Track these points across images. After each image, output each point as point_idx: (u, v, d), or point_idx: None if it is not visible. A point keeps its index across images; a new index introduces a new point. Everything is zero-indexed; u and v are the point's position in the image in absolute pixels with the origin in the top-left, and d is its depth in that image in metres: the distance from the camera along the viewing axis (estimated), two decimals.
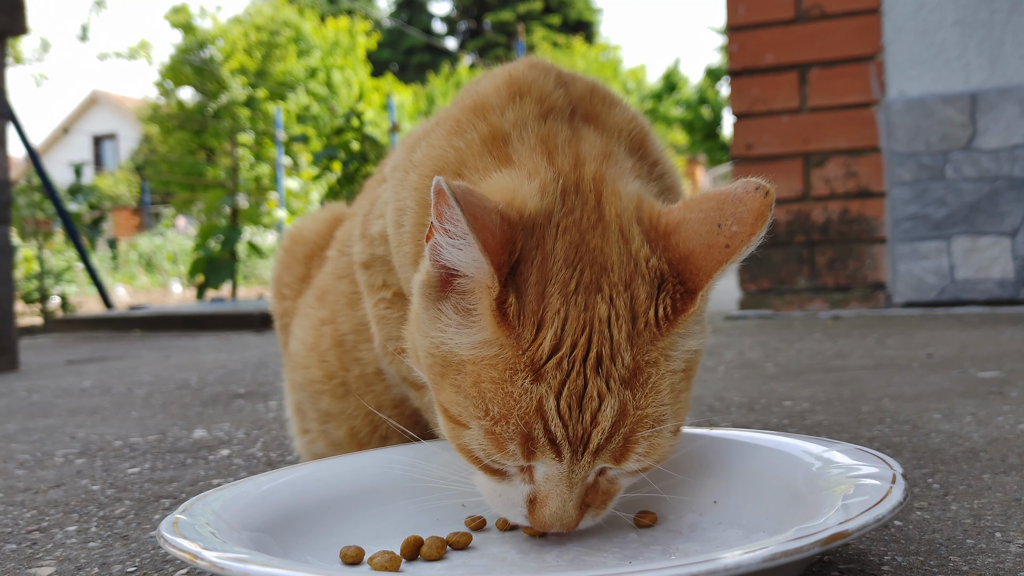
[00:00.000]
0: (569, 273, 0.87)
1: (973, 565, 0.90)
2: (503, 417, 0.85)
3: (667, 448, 0.89)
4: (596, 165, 0.98)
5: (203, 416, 2.20)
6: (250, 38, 21.83)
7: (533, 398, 0.84)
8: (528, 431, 0.85)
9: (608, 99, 1.13)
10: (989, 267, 3.90)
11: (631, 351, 0.86)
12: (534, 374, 0.84)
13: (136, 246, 15.32)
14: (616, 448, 0.86)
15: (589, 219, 0.91)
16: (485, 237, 0.83)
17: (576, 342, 0.85)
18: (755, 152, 4.26)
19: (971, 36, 3.94)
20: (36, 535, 1.21)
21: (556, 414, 0.84)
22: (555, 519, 0.88)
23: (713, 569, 0.66)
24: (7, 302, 3.54)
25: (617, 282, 0.88)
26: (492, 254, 0.84)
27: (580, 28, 34.89)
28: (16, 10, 3.59)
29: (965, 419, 1.65)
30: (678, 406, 0.90)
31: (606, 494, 0.92)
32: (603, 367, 0.85)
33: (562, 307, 0.86)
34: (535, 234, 0.89)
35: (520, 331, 0.85)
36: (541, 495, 0.88)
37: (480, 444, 0.87)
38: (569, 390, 0.84)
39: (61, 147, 27.48)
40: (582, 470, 0.87)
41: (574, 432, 0.85)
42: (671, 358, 0.88)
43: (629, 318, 0.87)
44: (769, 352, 2.86)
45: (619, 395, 0.85)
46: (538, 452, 0.86)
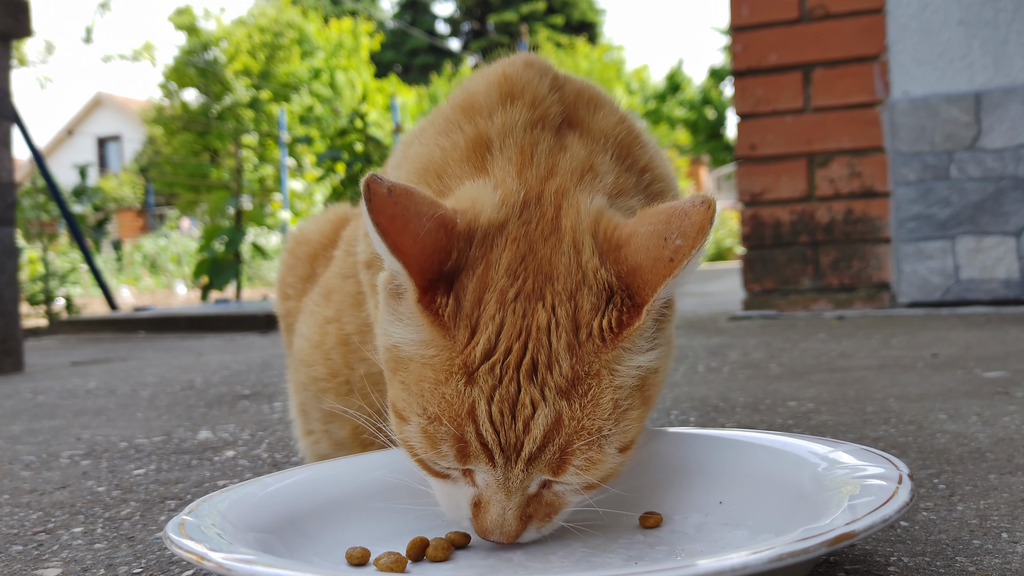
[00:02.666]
0: (509, 281, 0.87)
1: (979, 566, 0.90)
2: (437, 418, 0.85)
3: (611, 466, 0.88)
4: (564, 179, 0.98)
5: (208, 417, 2.20)
6: (254, 39, 21.85)
7: (465, 401, 0.85)
8: (460, 434, 0.85)
9: (596, 102, 1.12)
10: (994, 267, 3.89)
11: (570, 360, 0.85)
12: (467, 377, 0.85)
13: (140, 247, 15.34)
14: (552, 459, 0.85)
15: (543, 231, 0.92)
16: (400, 240, 0.85)
17: (511, 348, 0.85)
18: (759, 152, 4.25)
19: (975, 36, 3.94)
20: (42, 536, 1.21)
21: (487, 419, 0.84)
22: (495, 526, 0.88)
23: (719, 569, 0.66)
24: (12, 304, 3.54)
25: (561, 291, 0.87)
26: (406, 256, 0.85)
27: (583, 29, 34.88)
28: (20, 12, 3.60)
29: (971, 419, 1.65)
30: (626, 424, 0.88)
31: (550, 507, 0.91)
32: (538, 374, 0.85)
33: (498, 313, 0.86)
34: (484, 244, 0.89)
35: (455, 333, 0.86)
36: (483, 500, 0.89)
37: (418, 442, 0.88)
38: (501, 395, 0.84)
39: (65, 149, 27.54)
40: (517, 478, 0.86)
41: (506, 439, 0.85)
42: (617, 372, 0.87)
43: (571, 327, 0.86)
44: (773, 352, 2.86)
45: (554, 404, 0.84)
46: (471, 456, 0.86)
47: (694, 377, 2.42)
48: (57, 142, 28.65)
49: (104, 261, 11.54)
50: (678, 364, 2.68)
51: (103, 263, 11.07)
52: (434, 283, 0.87)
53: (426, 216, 0.86)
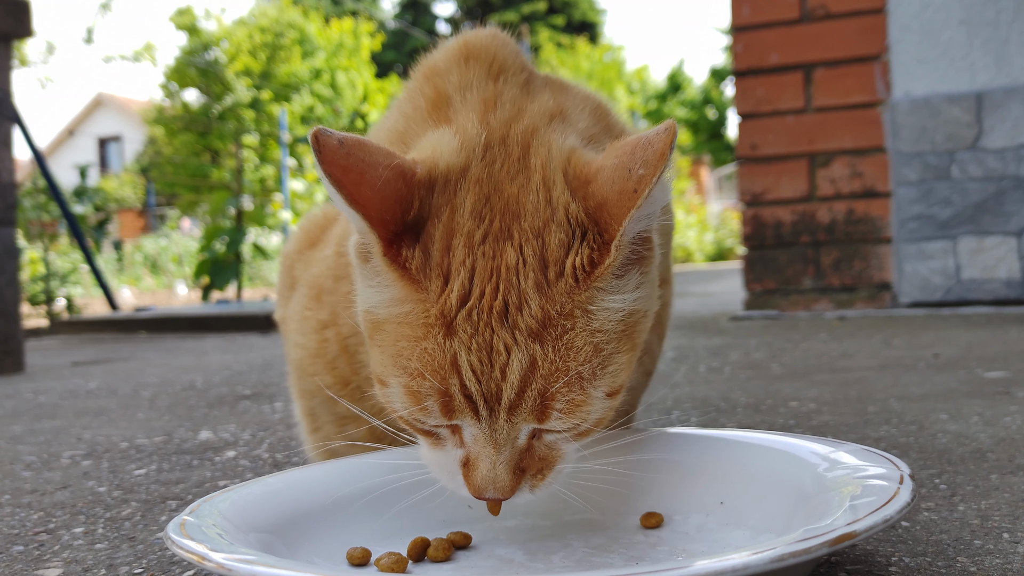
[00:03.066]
0: (475, 223, 0.85)
1: (981, 566, 0.90)
2: (420, 373, 0.83)
3: (597, 409, 0.85)
4: (533, 120, 0.96)
5: (209, 417, 2.20)
6: (254, 40, 21.84)
7: (447, 353, 0.82)
8: (444, 387, 0.82)
9: (564, 85, 1.13)
10: (995, 267, 3.89)
11: (539, 300, 0.83)
12: (446, 328, 0.82)
13: (141, 248, 15.34)
14: (533, 405, 0.83)
15: (509, 170, 0.90)
16: (357, 191, 0.82)
17: (484, 292, 0.83)
18: (760, 152, 4.25)
19: (977, 35, 3.94)
20: (43, 536, 1.21)
21: (469, 369, 0.82)
22: (487, 482, 0.85)
23: (721, 569, 0.66)
24: (13, 304, 3.55)
25: (528, 229, 0.85)
26: (365, 208, 0.83)
27: (584, 29, 34.88)
28: (21, 13, 3.60)
29: (972, 419, 1.65)
30: (611, 368, 0.85)
31: (544, 461, 0.88)
32: (509, 317, 0.82)
33: (467, 257, 0.84)
34: (446, 190, 0.87)
35: (427, 285, 0.84)
36: (472, 457, 0.86)
37: (402, 402, 0.86)
38: (478, 343, 0.82)
39: (66, 149, 27.54)
40: (503, 429, 0.84)
41: (487, 387, 0.82)
42: (593, 315, 0.84)
43: (538, 266, 0.84)
44: (775, 352, 2.85)
45: (527, 348, 0.82)
46: (456, 410, 0.83)
47: (695, 377, 2.42)
48: (58, 142, 28.66)
49: (105, 261, 11.54)
50: (679, 364, 2.68)
51: (104, 263, 11.08)
52: (399, 235, 0.85)
53: (382, 166, 0.84)
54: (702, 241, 17.62)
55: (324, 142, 0.82)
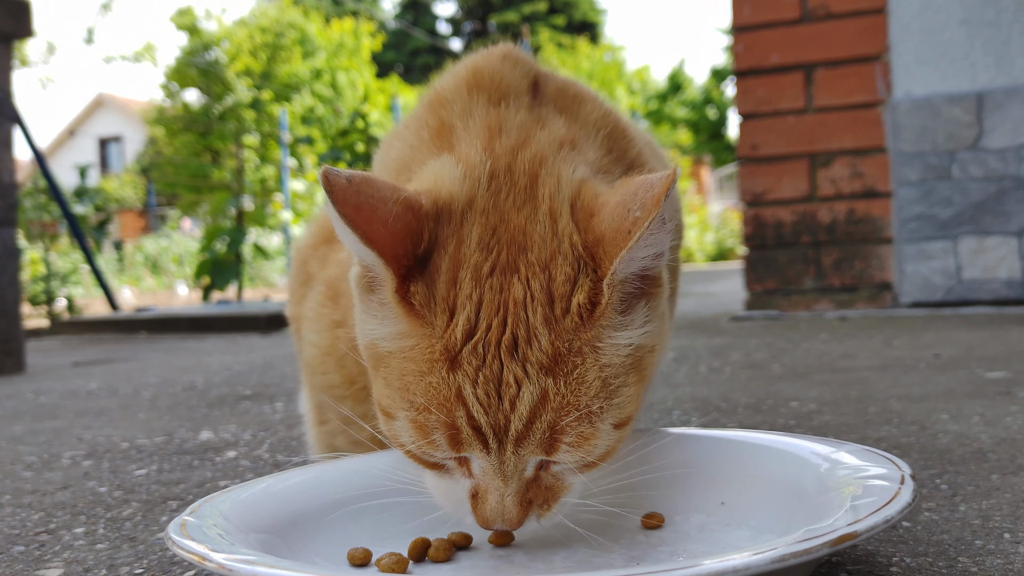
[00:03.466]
0: (483, 256, 0.85)
1: (982, 566, 0.90)
2: (426, 408, 0.83)
3: (605, 443, 0.85)
4: (541, 149, 0.95)
5: (210, 418, 2.20)
6: (255, 40, 21.85)
7: (452, 386, 0.82)
8: (451, 420, 0.82)
9: (580, 97, 1.10)
10: (996, 267, 3.89)
11: (548, 336, 0.82)
12: (450, 362, 0.82)
13: (142, 248, 15.35)
14: (542, 438, 0.83)
15: (516, 200, 0.89)
16: (370, 229, 0.82)
17: (491, 325, 0.82)
18: (761, 152, 4.25)
19: (977, 36, 3.93)
20: (44, 537, 1.21)
21: (476, 401, 0.81)
22: (495, 514, 0.85)
23: (722, 570, 0.66)
24: (13, 304, 3.55)
25: (535, 262, 0.84)
26: (379, 245, 0.82)
27: (585, 29, 34.88)
28: (22, 13, 3.61)
29: (973, 420, 1.65)
30: (619, 401, 0.85)
31: (550, 491, 0.88)
32: (519, 351, 0.82)
33: (474, 291, 0.83)
34: (452, 221, 0.87)
35: (432, 320, 0.83)
36: (480, 489, 0.86)
37: (409, 436, 0.85)
38: (485, 376, 0.82)
39: (67, 149, 27.55)
40: (510, 461, 0.84)
41: (495, 420, 0.82)
42: (601, 351, 0.84)
43: (546, 300, 0.83)
44: (775, 353, 2.85)
45: (538, 381, 0.82)
46: (464, 442, 0.83)
47: (696, 377, 2.42)
48: (59, 143, 28.67)
49: (105, 262, 11.55)
50: (679, 364, 2.68)
51: (104, 264, 11.08)
52: (410, 270, 0.84)
53: (391, 201, 0.84)
54: (703, 241, 17.62)
55: (334, 182, 0.82)
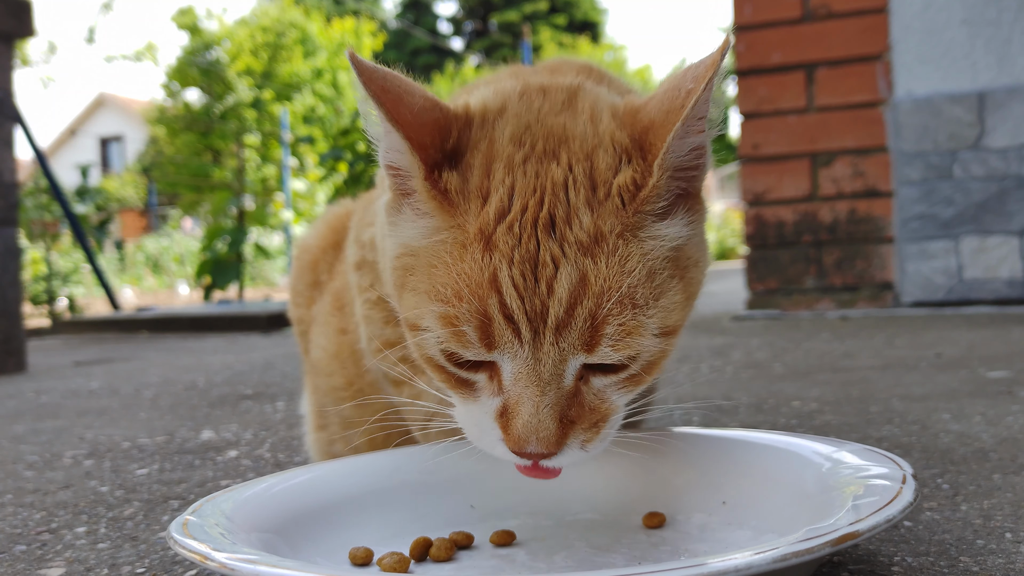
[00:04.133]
0: (515, 148, 0.84)
1: (983, 566, 0.90)
2: (456, 296, 0.79)
3: (649, 345, 0.80)
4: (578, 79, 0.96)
5: (211, 417, 2.20)
6: (256, 39, 21.85)
7: (486, 270, 0.78)
8: (483, 308, 0.78)
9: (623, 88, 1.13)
10: (998, 266, 3.89)
11: (590, 215, 0.80)
12: (484, 243, 0.79)
13: (143, 248, 15.35)
14: (583, 329, 0.77)
15: (551, 108, 0.89)
16: (398, 111, 0.82)
17: (527, 205, 0.80)
18: (762, 152, 4.25)
19: (979, 35, 3.93)
20: (46, 536, 1.21)
21: (511, 284, 0.77)
22: (529, 430, 0.78)
23: (723, 569, 0.66)
24: (15, 304, 3.55)
25: (577, 151, 0.83)
26: (405, 127, 0.82)
27: (586, 28, 34.88)
28: (23, 13, 3.61)
29: (974, 419, 1.64)
30: (664, 303, 0.81)
31: (595, 412, 0.83)
32: (556, 230, 0.79)
33: (507, 176, 0.82)
34: (484, 125, 0.87)
35: (466, 207, 0.82)
36: (512, 402, 0.80)
37: (436, 336, 0.80)
38: (521, 256, 0.78)
39: (68, 149, 27.57)
40: (548, 358, 0.78)
41: (531, 306, 0.77)
42: (643, 240, 0.81)
43: (588, 185, 0.81)
44: (777, 352, 2.85)
45: (577, 261, 0.78)
46: (496, 335, 0.78)
47: (698, 377, 2.42)
48: (60, 142, 28.68)
49: (107, 261, 11.55)
50: (681, 364, 2.68)
51: (106, 263, 11.09)
52: (439, 162, 0.84)
53: (419, 95, 0.84)
54: None
55: (361, 62, 0.82)
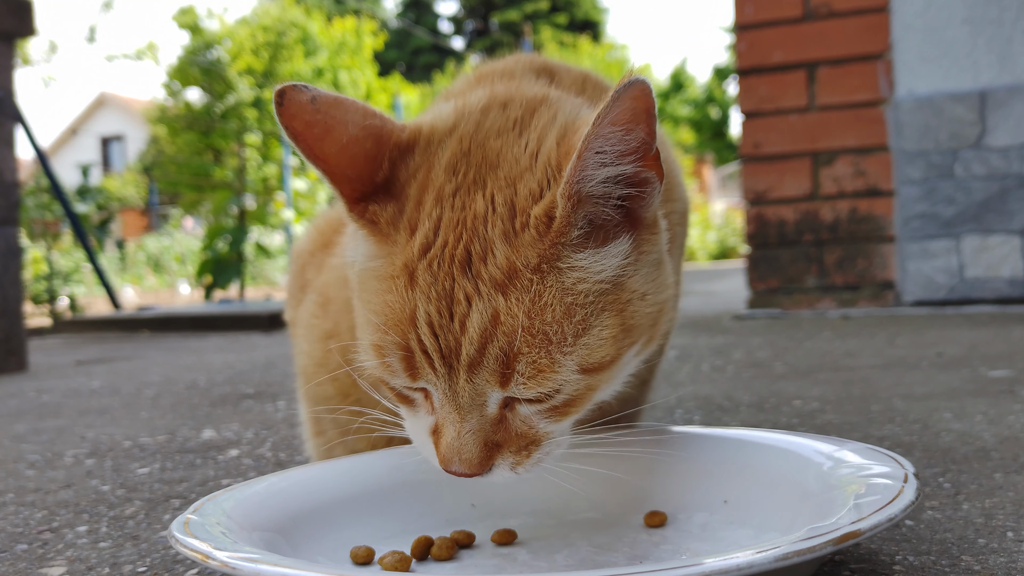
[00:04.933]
0: (448, 177, 0.84)
1: (985, 564, 0.90)
2: (384, 327, 0.81)
3: (567, 383, 0.79)
4: (544, 91, 0.94)
5: (212, 416, 2.20)
6: (257, 39, 21.84)
7: (408, 304, 0.80)
8: (404, 342, 0.80)
9: (601, 87, 1.10)
10: (999, 265, 3.89)
11: (505, 250, 0.78)
12: (408, 278, 0.80)
13: (144, 247, 15.36)
14: (494, 365, 0.78)
15: (500, 127, 0.87)
16: (319, 146, 0.82)
17: (447, 240, 0.80)
18: (763, 151, 4.25)
19: (980, 34, 3.93)
20: (47, 535, 1.21)
21: (426, 321, 0.79)
22: (452, 452, 0.80)
23: (725, 568, 0.66)
24: (16, 303, 3.55)
25: (503, 177, 0.82)
26: (327, 164, 0.83)
27: (587, 27, 34.86)
28: (24, 12, 3.61)
29: (976, 418, 1.64)
30: (587, 340, 0.79)
31: (524, 438, 0.83)
32: (472, 266, 0.78)
33: (436, 208, 0.82)
34: (428, 151, 0.87)
35: (395, 237, 0.83)
36: (439, 424, 0.82)
37: (369, 358, 0.84)
38: (438, 292, 0.79)
39: (69, 148, 27.58)
40: (464, 391, 0.79)
41: (445, 343, 0.78)
42: (563, 272, 0.79)
43: (507, 215, 0.80)
44: (778, 351, 2.85)
45: (489, 299, 0.77)
46: (417, 368, 0.80)
47: (698, 376, 2.41)
48: (61, 142, 28.68)
49: (108, 260, 11.56)
50: (682, 363, 2.68)
51: (107, 262, 11.09)
52: (368, 194, 0.84)
53: (353, 124, 0.84)
54: (705, 240, 17.61)
55: (291, 97, 0.82)
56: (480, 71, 1.10)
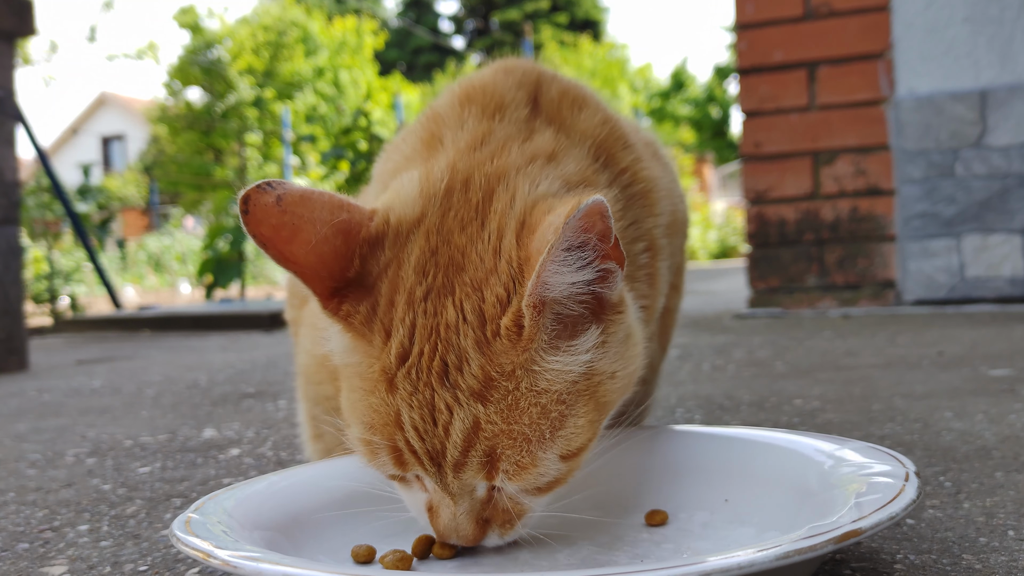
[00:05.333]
0: (418, 279, 0.84)
1: (986, 563, 0.90)
2: (371, 427, 0.84)
3: (550, 471, 0.83)
4: (506, 163, 0.92)
5: (213, 416, 2.20)
6: (257, 38, 21.86)
7: (391, 409, 0.82)
8: (392, 443, 0.83)
9: (580, 102, 1.08)
10: (1000, 265, 3.89)
11: (479, 360, 0.80)
12: (388, 384, 0.83)
13: (145, 246, 15.36)
14: (479, 464, 0.82)
15: (464, 218, 0.87)
16: (288, 249, 0.82)
17: (423, 351, 0.81)
18: (764, 150, 4.25)
19: (981, 33, 3.93)
20: (48, 534, 1.21)
21: (412, 427, 0.82)
22: (449, 531, 0.87)
23: (727, 566, 0.66)
24: (17, 302, 3.55)
25: (469, 282, 0.82)
26: (298, 265, 0.83)
27: (587, 27, 34.86)
28: (24, 11, 3.61)
29: (977, 417, 1.64)
30: (565, 432, 0.82)
31: (509, 512, 0.88)
32: (450, 377, 0.81)
33: (407, 314, 0.83)
34: (396, 243, 0.86)
35: (371, 338, 0.84)
36: (434, 505, 0.87)
37: (361, 453, 0.87)
38: (419, 401, 0.81)
39: (70, 148, 27.60)
40: (454, 484, 0.83)
41: (432, 446, 0.82)
42: (537, 375, 0.81)
43: (477, 323, 0.81)
44: (779, 350, 2.85)
45: (469, 408, 0.80)
46: (407, 464, 0.84)
47: (699, 375, 2.41)
48: (62, 141, 28.70)
49: (108, 260, 11.56)
50: (683, 362, 2.68)
51: (107, 262, 11.09)
52: (339, 290, 0.85)
53: (321, 222, 0.83)
54: (706, 239, 17.61)
55: (256, 200, 0.81)
56: (466, 89, 1.06)
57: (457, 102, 1.05)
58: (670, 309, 1.30)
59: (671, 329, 1.36)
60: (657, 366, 1.33)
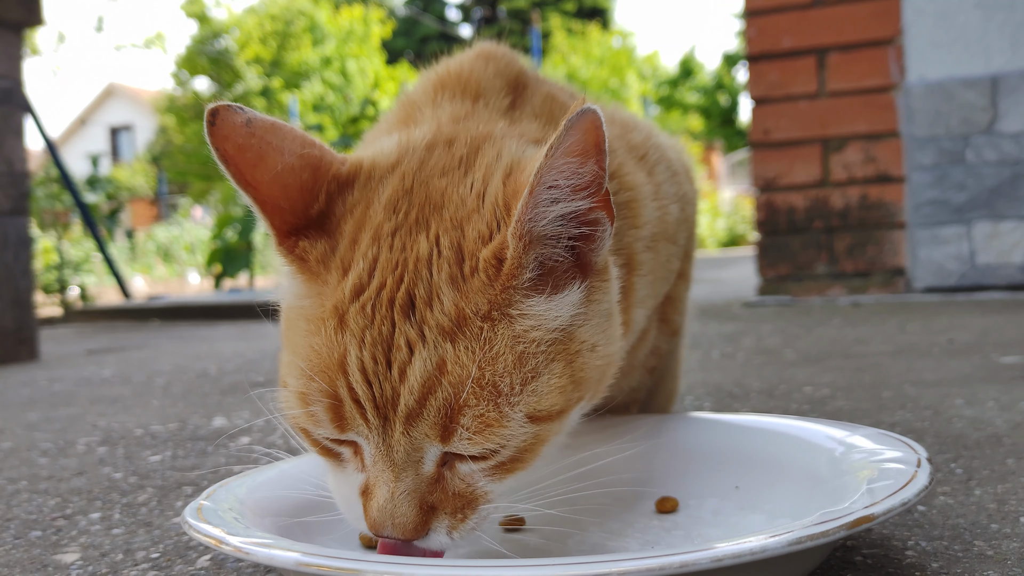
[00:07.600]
0: (387, 216, 0.78)
1: (998, 550, 0.89)
2: (309, 374, 0.74)
3: (514, 436, 0.74)
4: (492, 129, 0.88)
5: (223, 405, 2.21)
6: (265, 28, 21.85)
7: (336, 350, 0.73)
8: (332, 389, 0.73)
9: (565, 108, 1.01)
10: (1010, 252, 3.87)
11: (453, 295, 0.73)
12: (338, 320, 0.74)
13: (153, 236, 15.38)
14: (436, 418, 0.71)
15: (445, 167, 0.82)
16: (251, 173, 0.77)
17: (385, 283, 0.74)
18: (773, 137, 4.23)
19: (992, 19, 3.90)
20: (60, 522, 1.22)
21: (358, 368, 0.72)
22: (385, 516, 0.73)
23: (738, 552, 0.66)
24: (27, 293, 3.56)
25: (449, 219, 0.76)
26: (258, 192, 0.77)
27: (595, 14, 34.71)
28: (32, 2, 3.61)
29: (987, 404, 1.64)
30: (536, 387, 0.74)
31: (461, 499, 0.76)
32: (416, 311, 0.73)
33: (372, 248, 0.76)
34: (368, 186, 0.81)
35: (326, 277, 0.77)
36: (371, 483, 0.75)
37: (292, 406, 0.77)
38: (373, 338, 0.72)
39: (78, 138, 27.64)
40: (400, 446, 0.73)
41: (380, 391, 0.72)
42: (514, 319, 0.74)
43: (454, 258, 0.74)
44: (788, 338, 2.85)
45: (436, 346, 0.72)
46: (346, 419, 0.74)
47: (709, 363, 2.41)
48: (70, 132, 28.75)
49: (117, 250, 11.58)
50: (692, 351, 2.68)
51: (116, 252, 11.12)
52: (300, 228, 0.79)
53: (289, 152, 0.78)
54: (714, 227, 17.57)
55: (224, 117, 0.76)
56: (441, 76, 1.02)
57: (431, 87, 1.01)
58: (677, 297, 1.26)
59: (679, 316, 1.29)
60: (668, 353, 1.30)
